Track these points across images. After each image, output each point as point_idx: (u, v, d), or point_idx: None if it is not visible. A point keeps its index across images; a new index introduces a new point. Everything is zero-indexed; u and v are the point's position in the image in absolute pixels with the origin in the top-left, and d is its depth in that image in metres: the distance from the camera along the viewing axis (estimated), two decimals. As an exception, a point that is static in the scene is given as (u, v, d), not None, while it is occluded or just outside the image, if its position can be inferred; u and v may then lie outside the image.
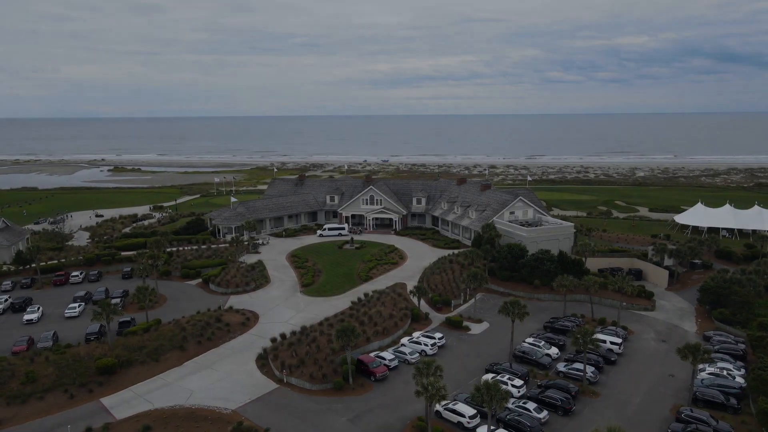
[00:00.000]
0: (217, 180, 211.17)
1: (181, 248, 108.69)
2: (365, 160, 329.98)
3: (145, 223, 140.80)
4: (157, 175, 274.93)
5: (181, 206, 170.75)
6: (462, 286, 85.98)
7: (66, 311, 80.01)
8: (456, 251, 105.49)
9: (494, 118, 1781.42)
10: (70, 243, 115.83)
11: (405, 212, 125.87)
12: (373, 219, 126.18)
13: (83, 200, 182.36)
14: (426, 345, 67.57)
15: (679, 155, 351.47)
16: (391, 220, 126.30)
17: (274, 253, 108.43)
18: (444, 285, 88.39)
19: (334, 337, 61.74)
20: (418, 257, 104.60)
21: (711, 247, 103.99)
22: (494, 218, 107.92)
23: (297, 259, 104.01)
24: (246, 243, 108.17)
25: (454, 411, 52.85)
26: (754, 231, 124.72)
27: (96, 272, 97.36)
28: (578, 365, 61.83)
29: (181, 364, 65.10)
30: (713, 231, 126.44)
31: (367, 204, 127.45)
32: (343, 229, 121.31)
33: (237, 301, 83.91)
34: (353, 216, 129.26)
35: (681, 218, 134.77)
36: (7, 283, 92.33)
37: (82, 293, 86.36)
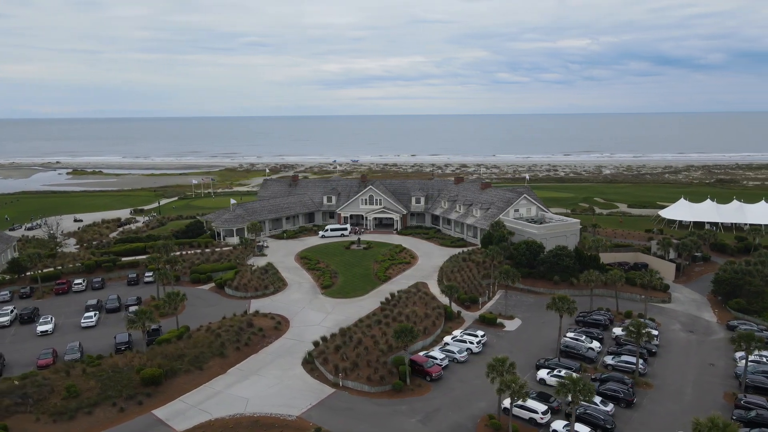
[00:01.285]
0: (194, 182, 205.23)
1: (184, 252, 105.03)
2: (334, 161, 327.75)
3: (133, 227, 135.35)
4: (123, 177, 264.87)
5: (161, 209, 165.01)
6: (487, 283, 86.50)
7: (82, 321, 75.93)
8: (465, 249, 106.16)
9: (445, 118, 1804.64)
10: (61, 249, 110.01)
11: (405, 212, 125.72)
12: (373, 219, 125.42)
13: (53, 205, 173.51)
14: (472, 343, 67.65)
15: (638, 153, 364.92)
16: (392, 219, 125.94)
17: (280, 256, 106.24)
18: (465, 283, 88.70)
19: (393, 337, 61.02)
20: (428, 256, 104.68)
21: (707, 240, 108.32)
22: (500, 216, 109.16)
23: (307, 260, 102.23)
24: (257, 245, 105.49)
25: (525, 407, 53.04)
26: (733, 224, 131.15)
27: (99, 279, 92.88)
28: (626, 357, 63.22)
29: (225, 372, 62.89)
30: (698, 225, 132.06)
31: (366, 204, 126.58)
32: (345, 229, 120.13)
33: (259, 305, 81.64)
34: (352, 216, 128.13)
35: (666, 213, 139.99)
36: (4, 293, 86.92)
37: (93, 302, 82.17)
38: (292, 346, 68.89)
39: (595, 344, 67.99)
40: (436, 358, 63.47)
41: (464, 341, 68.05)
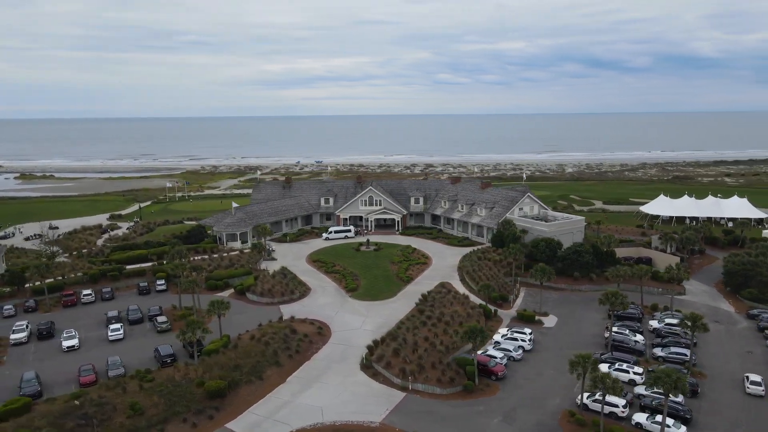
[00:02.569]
0: (169, 185, 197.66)
1: (191, 258, 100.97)
2: (298, 162, 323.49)
3: (120, 233, 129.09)
4: (79, 181, 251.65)
5: (136, 214, 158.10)
6: (510, 281, 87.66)
7: (110, 334, 71.74)
8: (476, 248, 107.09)
9: (392, 118, 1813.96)
10: (59, 259, 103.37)
11: (405, 212, 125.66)
12: (374, 220, 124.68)
13: (16, 212, 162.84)
14: (523, 341, 68.44)
15: (590, 152, 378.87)
16: (392, 220, 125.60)
17: (291, 259, 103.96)
18: (490, 281, 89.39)
19: (461, 338, 60.93)
20: (440, 256, 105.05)
21: (701, 234, 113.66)
22: (506, 215, 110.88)
23: (322, 263, 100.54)
24: (268, 249, 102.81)
25: (605, 402, 54.03)
26: (709, 218, 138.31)
27: (109, 290, 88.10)
28: (675, 349, 65.60)
29: (285, 381, 61.06)
30: (679, 220, 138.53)
31: (365, 205, 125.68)
32: (350, 231, 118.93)
33: (291, 311, 79.64)
34: (351, 218, 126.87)
35: (647, 208, 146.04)
36: (9, 308, 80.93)
37: (114, 313, 77.78)
38: (343, 352, 67.63)
39: (639, 337, 70.14)
40: (496, 357, 63.81)
41: (516, 339, 68.74)
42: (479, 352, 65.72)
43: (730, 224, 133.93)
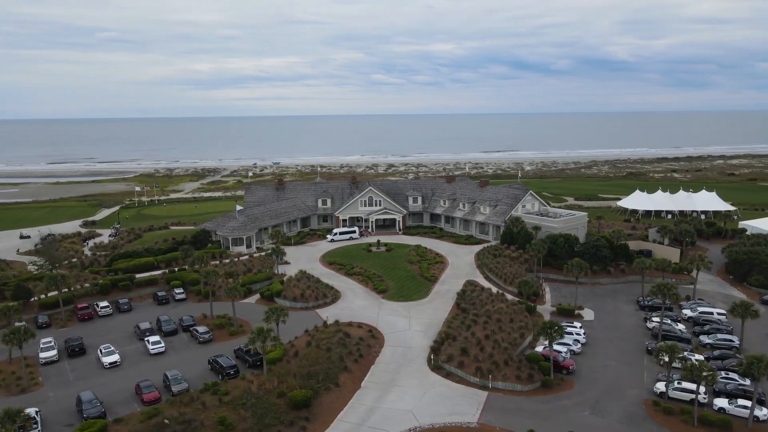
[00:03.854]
0: (138, 189, 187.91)
1: (209, 264, 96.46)
2: (255, 164, 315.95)
3: (106, 241, 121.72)
4: (23, 187, 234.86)
5: (109, 220, 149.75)
6: (532, 277, 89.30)
7: (151, 348, 67.51)
8: (487, 245, 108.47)
9: (328, 118, 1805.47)
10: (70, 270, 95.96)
11: (405, 212, 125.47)
12: (375, 220, 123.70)
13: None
14: (578, 335, 69.90)
15: (537, 151, 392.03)
16: (393, 220, 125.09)
17: (304, 262, 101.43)
18: (515, 278, 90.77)
19: (536, 333, 61.49)
20: (453, 254, 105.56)
21: (693, 226, 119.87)
22: (512, 212, 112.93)
23: (340, 265, 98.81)
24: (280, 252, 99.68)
25: (685, 390, 56.13)
26: (681, 212, 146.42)
27: (126, 301, 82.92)
28: (721, 335, 68.97)
29: (361, 386, 59.62)
30: (657, 214, 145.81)
31: (365, 206, 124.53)
32: (354, 232, 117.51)
33: (330, 315, 77.73)
34: (351, 219, 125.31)
35: (625, 203, 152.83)
36: (21, 325, 74.27)
37: (147, 325, 73.20)
38: (404, 353, 66.77)
39: (680, 326, 73.24)
40: (560, 352, 64.86)
41: (570, 333, 70.08)
42: (539, 348, 66.78)
43: (703, 216, 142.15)
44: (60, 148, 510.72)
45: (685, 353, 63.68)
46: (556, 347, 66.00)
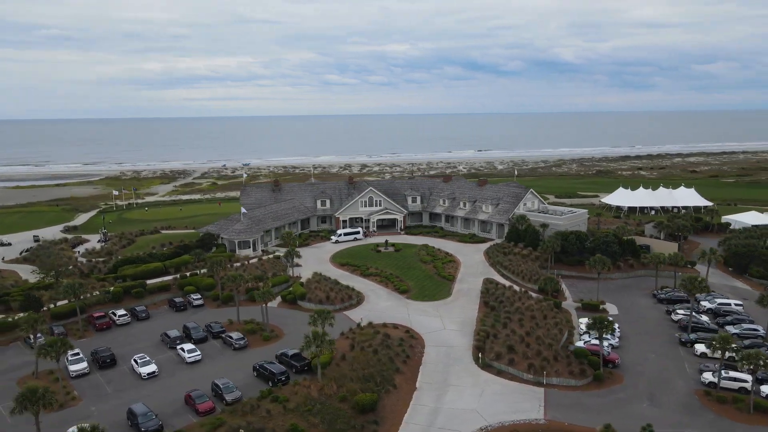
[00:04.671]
0: (116, 193, 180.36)
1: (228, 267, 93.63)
2: (224, 165, 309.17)
3: (97, 247, 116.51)
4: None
5: (91, 225, 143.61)
6: (546, 273, 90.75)
7: (188, 356, 65.03)
8: (493, 243, 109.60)
9: (281, 119, 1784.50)
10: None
11: (405, 212, 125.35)
12: (377, 220, 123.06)
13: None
14: (613, 329, 71.21)
15: (510, 150, 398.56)
16: (394, 220, 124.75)
17: (315, 264, 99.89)
18: (531, 274, 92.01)
19: (585, 328, 62.32)
20: (462, 253, 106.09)
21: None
22: (515, 210, 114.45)
23: (354, 267, 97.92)
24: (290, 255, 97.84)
25: (734, 378, 58.09)
26: (663, 208, 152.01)
27: (143, 309, 79.64)
28: (746, 325, 71.77)
29: (417, 387, 59.11)
30: (641, 210, 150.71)
31: (365, 206, 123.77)
32: (358, 232, 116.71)
33: (357, 316, 76.94)
34: (351, 219, 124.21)
35: (609, 200, 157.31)
36: (39, 338, 70.01)
37: (175, 332, 70.47)
38: (447, 353, 66.65)
39: (704, 318, 75.80)
40: (603, 346, 65.93)
41: (605, 327, 71.36)
42: (581, 343, 67.86)
43: (683, 211, 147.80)
44: (7, 150, 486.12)
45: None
46: (595, 342, 67.19)
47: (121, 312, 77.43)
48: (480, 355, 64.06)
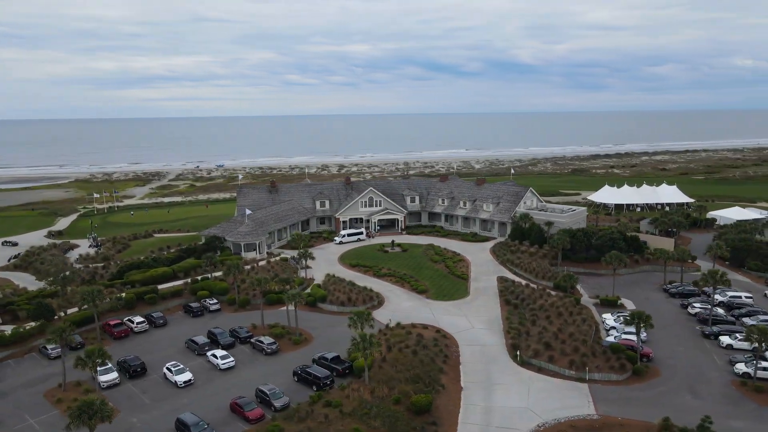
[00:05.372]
0: (96, 195, 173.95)
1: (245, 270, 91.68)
2: (198, 166, 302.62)
3: (92, 252, 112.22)
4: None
5: (76, 230, 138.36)
6: (557, 270, 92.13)
7: (221, 363, 63.28)
8: (495, 242, 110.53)
9: (242, 119, 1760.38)
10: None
11: (405, 212, 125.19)
12: (378, 221, 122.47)
13: None
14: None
15: (486, 150, 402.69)
16: (394, 220, 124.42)
17: (322, 265, 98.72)
18: (543, 272, 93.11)
19: (626, 322, 63.38)
20: (467, 252, 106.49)
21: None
22: (516, 209, 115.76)
23: (365, 267, 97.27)
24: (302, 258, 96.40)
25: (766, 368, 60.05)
26: (648, 204, 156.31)
27: (161, 316, 77.11)
28: (763, 317, 74.20)
29: (463, 386, 59.00)
30: (629, 207, 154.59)
31: (365, 206, 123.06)
32: (362, 233, 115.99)
33: (381, 317, 76.21)
34: (351, 220, 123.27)
35: (596, 197, 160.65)
36: (55, 348, 66.98)
37: (202, 339, 68.44)
38: (483, 351, 66.80)
39: (720, 310, 78.13)
40: (634, 341, 67.21)
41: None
42: (612, 338, 68.96)
43: (667, 208, 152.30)
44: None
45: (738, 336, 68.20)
46: (626, 336, 68.46)
47: (139, 319, 74.79)
48: (518, 353, 64.41)
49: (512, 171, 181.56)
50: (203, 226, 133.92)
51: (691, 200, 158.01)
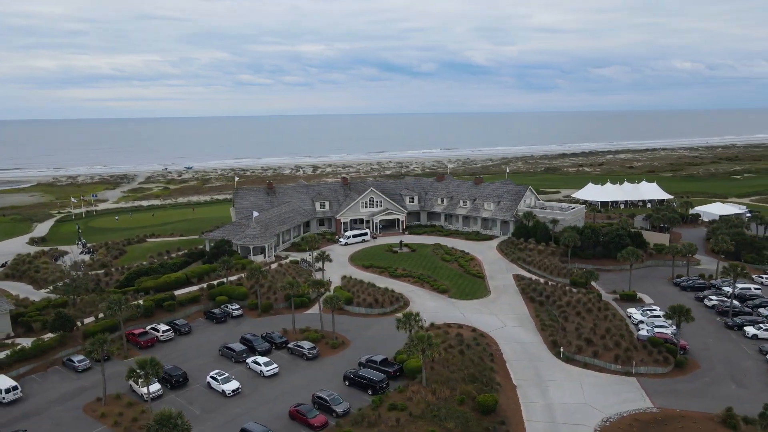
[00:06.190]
0: (74, 200, 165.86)
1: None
2: (165, 168, 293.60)
3: (87, 258, 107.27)
4: None
5: (57, 235, 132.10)
6: (569, 267, 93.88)
7: (266, 370, 61.44)
8: (499, 241, 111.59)
9: (195, 120, 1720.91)
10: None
11: (406, 212, 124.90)
12: (380, 221, 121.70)
13: None
14: (661, 317, 74.70)
15: (452, 149, 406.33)
16: (395, 220, 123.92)
17: (334, 267, 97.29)
18: (556, 268, 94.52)
19: (666, 316, 64.96)
20: (474, 251, 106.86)
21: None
22: (517, 207, 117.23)
23: (380, 269, 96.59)
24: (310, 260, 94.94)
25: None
26: (631, 201, 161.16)
27: (185, 323, 74.37)
28: (781, 309, 77.61)
29: (516, 384, 59.19)
30: (613, 203, 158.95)
31: (366, 207, 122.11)
32: (366, 234, 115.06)
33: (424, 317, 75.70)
34: (351, 221, 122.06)
35: (580, 194, 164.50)
36: (83, 361, 63.59)
37: (240, 346, 66.24)
38: (524, 349, 67.29)
39: (735, 302, 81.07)
40: (667, 334, 69.05)
41: (659, 316, 74.68)
42: (644, 332, 70.51)
43: (649, 204, 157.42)
44: None
45: (762, 326, 71.00)
46: (659, 330, 70.20)
47: (165, 327, 71.84)
48: (561, 350, 65.11)
49: (507, 170, 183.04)
50: (194, 230, 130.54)
51: (671, 197, 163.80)
